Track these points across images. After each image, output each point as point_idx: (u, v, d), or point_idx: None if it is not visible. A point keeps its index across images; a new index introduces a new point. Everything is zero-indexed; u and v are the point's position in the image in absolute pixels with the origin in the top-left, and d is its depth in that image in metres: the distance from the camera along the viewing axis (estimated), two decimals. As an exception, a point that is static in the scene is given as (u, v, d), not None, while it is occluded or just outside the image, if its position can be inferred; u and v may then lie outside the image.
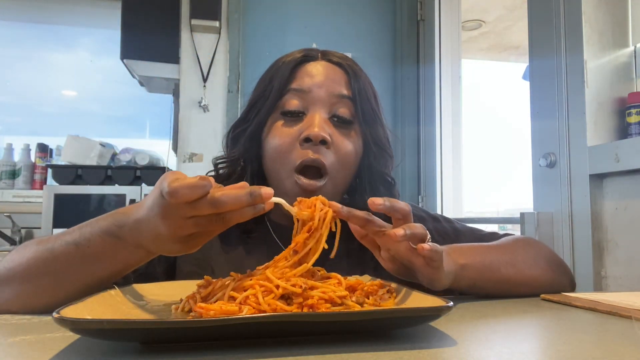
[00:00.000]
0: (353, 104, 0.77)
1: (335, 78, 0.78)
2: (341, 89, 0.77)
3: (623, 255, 1.25)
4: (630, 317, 0.55)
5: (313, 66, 0.79)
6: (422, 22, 2.38)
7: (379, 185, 0.81)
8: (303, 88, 0.76)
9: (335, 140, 0.75)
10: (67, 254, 0.56)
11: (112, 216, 0.55)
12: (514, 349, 0.44)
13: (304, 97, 0.76)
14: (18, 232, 2.24)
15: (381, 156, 0.81)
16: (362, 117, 0.78)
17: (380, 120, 0.81)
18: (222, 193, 0.47)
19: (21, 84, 2.76)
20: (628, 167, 1.20)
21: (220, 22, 2.23)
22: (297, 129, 0.75)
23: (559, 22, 1.42)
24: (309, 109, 0.76)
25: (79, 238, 0.56)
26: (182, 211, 0.47)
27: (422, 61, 2.36)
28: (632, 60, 1.38)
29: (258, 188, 0.49)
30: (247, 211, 0.49)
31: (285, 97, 0.77)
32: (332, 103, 0.76)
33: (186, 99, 2.22)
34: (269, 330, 0.42)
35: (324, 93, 0.76)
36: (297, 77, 0.78)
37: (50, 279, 0.57)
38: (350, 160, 0.77)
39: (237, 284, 0.48)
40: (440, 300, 0.45)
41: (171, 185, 0.46)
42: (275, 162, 0.76)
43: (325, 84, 0.77)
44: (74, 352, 0.41)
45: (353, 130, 0.78)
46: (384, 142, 0.81)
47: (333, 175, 0.75)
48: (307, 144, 0.73)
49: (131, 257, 0.55)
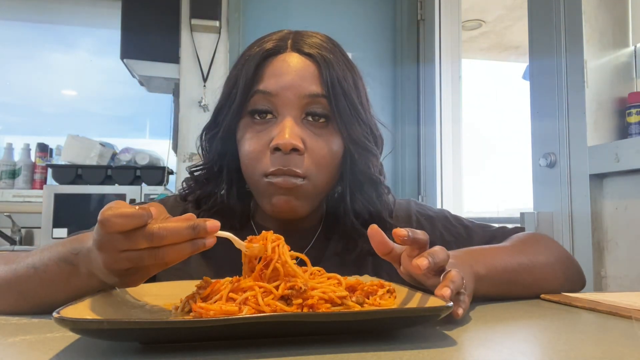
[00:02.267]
0: (327, 100, 0.69)
1: (306, 75, 0.69)
2: (312, 87, 0.69)
3: (623, 255, 1.25)
4: (630, 317, 0.55)
5: (280, 62, 0.70)
6: (422, 22, 2.38)
7: (363, 184, 0.75)
8: (270, 90, 0.69)
9: (310, 144, 0.69)
10: (27, 276, 0.56)
11: (71, 242, 0.54)
12: (514, 349, 0.44)
13: (271, 100, 0.69)
14: (18, 232, 2.24)
15: (362, 155, 0.73)
16: (339, 114, 0.70)
17: (360, 113, 0.72)
18: (159, 226, 0.44)
19: (21, 84, 2.76)
20: (628, 167, 1.20)
21: (220, 22, 2.23)
22: (267, 135, 0.69)
23: (559, 22, 1.42)
24: (279, 112, 0.69)
25: (38, 262, 0.56)
26: (117, 243, 0.44)
27: (422, 61, 2.36)
28: (632, 60, 1.38)
29: (203, 221, 0.45)
30: (184, 248, 0.45)
31: (252, 99, 0.70)
32: (303, 104, 0.69)
33: (186, 98, 2.22)
34: (269, 330, 0.42)
35: (293, 95, 0.68)
36: (263, 76, 0.70)
37: (12, 298, 0.58)
38: (328, 162, 0.71)
39: (235, 285, 0.48)
40: (440, 301, 0.45)
41: (104, 213, 0.43)
42: (247, 167, 0.72)
43: (294, 84, 0.69)
44: (74, 352, 0.41)
45: (329, 128, 0.71)
46: (365, 139, 0.73)
47: (311, 179, 0.69)
48: (277, 153, 0.67)
49: (85, 284, 0.53)
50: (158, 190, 2.10)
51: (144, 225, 0.44)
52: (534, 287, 0.70)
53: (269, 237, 0.52)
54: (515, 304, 0.65)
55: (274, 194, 0.69)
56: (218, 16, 2.22)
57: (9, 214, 2.20)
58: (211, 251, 0.75)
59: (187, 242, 0.45)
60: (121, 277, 0.49)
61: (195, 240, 0.45)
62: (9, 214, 2.21)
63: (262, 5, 2.35)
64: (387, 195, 0.80)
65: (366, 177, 0.75)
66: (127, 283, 0.50)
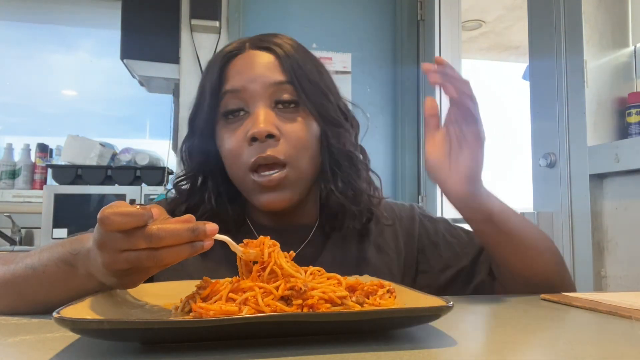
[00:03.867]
0: (292, 86, 0.73)
1: (268, 66, 0.73)
2: (275, 75, 0.73)
3: (623, 255, 1.25)
4: (630, 317, 0.55)
5: (242, 60, 0.74)
6: (422, 22, 2.38)
7: (341, 162, 0.76)
8: (236, 87, 0.72)
9: (284, 129, 0.71)
10: (25, 277, 0.57)
11: (70, 243, 0.54)
12: (514, 349, 0.44)
13: (240, 96, 0.72)
14: (18, 232, 2.24)
15: (337, 132, 0.76)
16: (306, 97, 0.73)
17: (328, 94, 0.76)
18: (159, 227, 0.44)
19: (21, 84, 2.75)
20: (628, 167, 1.20)
21: (220, 22, 2.23)
22: (243, 130, 0.72)
23: (559, 22, 1.42)
24: (250, 106, 0.72)
25: (36, 262, 0.56)
26: (116, 243, 0.44)
27: (422, 61, 2.36)
28: (632, 60, 1.38)
29: (203, 224, 0.45)
30: (183, 250, 0.45)
31: (222, 101, 0.74)
32: (270, 93, 0.72)
33: (186, 99, 2.22)
34: (269, 330, 0.42)
35: (259, 86, 0.72)
36: (228, 77, 0.74)
37: (10, 298, 0.58)
38: (306, 144, 0.73)
39: (235, 285, 0.48)
40: (440, 300, 0.45)
41: (104, 211, 0.43)
42: (231, 166, 0.74)
43: (258, 75, 0.72)
44: (74, 352, 0.41)
45: (301, 112, 0.73)
46: (337, 117, 0.76)
47: (293, 164, 0.71)
48: (255, 143, 0.70)
49: (83, 285, 0.53)
50: (158, 191, 2.10)
51: (144, 225, 0.44)
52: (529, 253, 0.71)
53: (266, 242, 0.52)
54: (516, 304, 0.65)
55: (262, 191, 0.71)
56: (218, 16, 2.22)
57: (9, 214, 2.20)
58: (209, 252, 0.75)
59: (186, 245, 0.45)
60: (119, 278, 0.49)
61: (194, 243, 0.45)
62: (9, 214, 2.21)
63: (262, 5, 2.35)
64: (367, 172, 0.82)
65: (344, 154, 0.77)
66: (125, 284, 0.50)
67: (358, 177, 0.78)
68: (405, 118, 2.38)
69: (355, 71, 2.38)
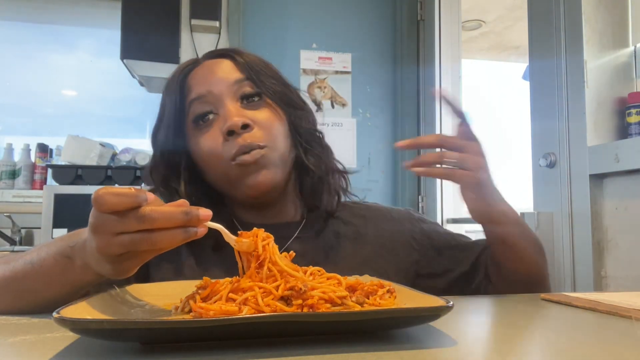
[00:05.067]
0: (252, 81, 0.77)
1: (225, 68, 0.78)
2: (235, 74, 0.77)
3: (623, 255, 1.25)
4: (630, 317, 0.55)
5: (199, 70, 0.79)
6: (422, 22, 2.38)
7: (310, 141, 0.81)
8: (201, 93, 0.75)
9: (256, 118, 0.74)
10: (24, 273, 0.57)
11: (69, 237, 0.55)
12: (514, 349, 0.44)
13: (207, 100, 0.75)
14: (18, 232, 2.24)
15: (301, 115, 0.81)
16: (267, 88, 0.78)
17: (284, 83, 0.81)
18: (152, 208, 0.44)
19: (21, 84, 2.75)
20: (628, 167, 1.20)
21: (220, 22, 2.23)
22: (217, 129, 0.74)
23: (559, 22, 1.42)
24: (217, 107, 0.75)
25: (35, 258, 0.57)
26: (110, 225, 0.45)
27: (422, 61, 2.36)
28: (632, 60, 1.38)
29: (196, 208, 0.46)
30: (177, 234, 0.45)
31: (190, 110, 0.76)
32: (234, 90, 0.76)
33: (186, 99, 2.22)
34: (269, 330, 0.42)
35: (223, 86, 0.75)
36: (190, 87, 0.77)
37: (10, 297, 0.58)
38: (279, 130, 0.76)
39: (235, 285, 0.48)
40: (440, 300, 0.45)
41: (98, 192, 0.44)
42: (210, 165, 0.75)
43: (219, 78, 0.76)
44: (74, 352, 0.41)
45: (265, 103, 0.77)
46: (298, 101, 0.82)
47: (272, 145, 0.74)
48: (231, 137, 0.72)
49: (80, 278, 0.54)
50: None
51: (137, 207, 0.44)
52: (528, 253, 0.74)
53: (260, 234, 0.52)
54: (516, 304, 0.65)
55: (246, 174, 0.72)
56: (218, 16, 2.22)
57: (9, 214, 2.20)
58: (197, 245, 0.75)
59: (180, 229, 0.45)
60: (114, 264, 0.48)
61: (187, 228, 0.45)
62: (9, 214, 2.20)
63: (262, 6, 2.35)
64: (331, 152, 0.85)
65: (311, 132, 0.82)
66: (119, 271, 0.49)
67: (327, 153, 0.83)
68: (405, 118, 2.38)
69: (355, 71, 2.38)
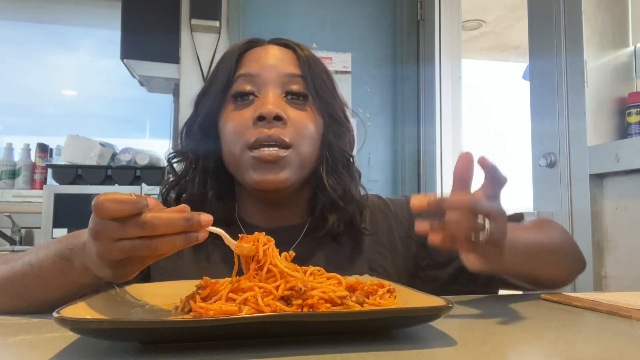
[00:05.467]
0: (304, 81, 0.75)
1: (284, 58, 0.76)
2: (291, 68, 0.75)
3: (623, 255, 1.25)
4: (630, 317, 0.55)
5: (260, 50, 0.77)
6: (422, 22, 2.38)
7: (338, 162, 0.78)
8: (251, 72, 0.74)
9: (292, 115, 0.72)
10: (23, 274, 0.57)
11: (67, 238, 0.55)
12: (514, 349, 0.44)
13: (253, 81, 0.74)
14: (18, 232, 2.24)
15: (340, 131, 0.78)
16: (316, 93, 0.76)
17: (334, 95, 0.79)
18: (153, 215, 0.44)
19: (21, 84, 2.75)
20: (628, 167, 1.20)
21: (220, 22, 2.23)
22: (251, 110, 0.72)
23: (559, 22, 1.42)
24: (260, 91, 0.74)
25: (34, 259, 0.56)
26: (111, 231, 0.44)
27: (422, 61, 2.36)
28: (632, 60, 1.38)
29: (197, 214, 0.45)
30: (178, 240, 0.45)
31: (234, 84, 0.75)
32: (283, 82, 0.74)
33: (186, 99, 2.22)
34: (269, 330, 0.42)
35: (274, 74, 0.74)
36: (244, 63, 0.76)
37: (9, 297, 0.58)
38: (312, 135, 0.74)
39: (235, 285, 0.48)
40: (440, 300, 0.45)
41: (98, 198, 0.43)
42: (229, 145, 0.73)
43: (274, 64, 0.75)
44: (74, 352, 0.41)
45: (308, 106, 0.75)
46: (341, 117, 0.79)
47: (296, 148, 0.72)
48: (261, 123, 0.70)
49: (79, 280, 0.53)
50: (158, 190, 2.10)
51: (139, 213, 0.44)
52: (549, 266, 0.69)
53: (261, 239, 0.52)
54: (516, 304, 0.65)
55: (258, 167, 0.71)
56: (218, 16, 2.22)
57: (9, 214, 2.20)
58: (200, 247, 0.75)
59: (181, 235, 0.45)
60: (114, 269, 0.48)
61: (188, 234, 0.45)
62: (9, 214, 2.20)
63: (262, 5, 2.35)
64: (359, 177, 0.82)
65: (342, 153, 0.79)
66: (119, 275, 0.49)
67: (351, 179, 0.79)
68: (405, 118, 2.38)
69: (355, 71, 2.38)
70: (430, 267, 0.80)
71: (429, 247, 0.80)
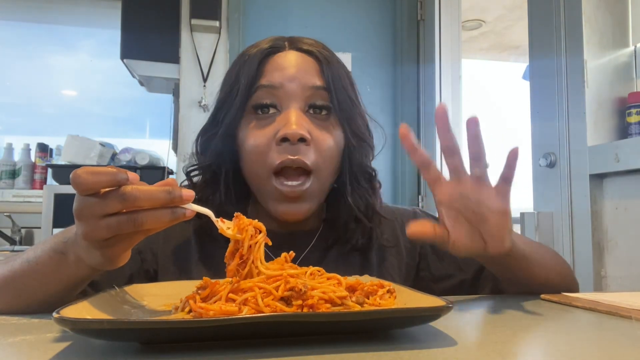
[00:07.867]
0: (328, 93, 0.72)
1: (307, 68, 0.72)
2: (314, 79, 0.72)
3: (623, 255, 1.25)
4: (630, 317, 0.55)
5: (282, 58, 0.73)
6: (422, 22, 2.38)
7: (359, 177, 0.76)
8: (273, 83, 0.70)
9: (315, 135, 0.70)
10: (22, 271, 0.57)
11: (62, 233, 0.55)
12: (514, 349, 0.44)
13: (275, 93, 0.70)
14: (18, 232, 2.24)
15: (361, 146, 0.76)
16: (339, 106, 0.72)
17: (358, 108, 0.76)
18: (133, 187, 0.43)
19: (21, 84, 2.75)
20: (628, 167, 1.20)
21: (220, 22, 2.23)
22: (273, 128, 0.69)
23: (559, 22, 1.42)
24: (283, 105, 0.70)
25: (32, 256, 0.57)
26: (92, 207, 0.44)
27: (422, 61, 2.36)
28: (632, 60, 1.38)
29: (179, 188, 0.45)
30: (164, 214, 0.44)
31: (255, 94, 0.71)
32: (306, 96, 0.71)
33: (186, 99, 2.22)
34: (269, 330, 0.42)
35: (297, 86, 0.70)
36: (265, 71, 0.72)
37: (9, 296, 0.58)
38: (333, 155, 0.72)
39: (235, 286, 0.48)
40: (440, 301, 0.45)
41: (76, 171, 0.43)
42: (252, 164, 0.71)
43: (297, 76, 0.71)
44: (74, 352, 0.41)
45: (331, 121, 0.73)
46: (364, 132, 0.77)
47: (318, 174, 0.70)
48: (284, 144, 0.68)
49: (74, 273, 0.53)
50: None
51: (117, 185, 0.44)
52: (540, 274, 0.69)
53: (249, 230, 0.52)
54: (516, 304, 0.65)
55: (281, 200, 0.70)
56: (218, 16, 2.22)
57: (9, 214, 2.20)
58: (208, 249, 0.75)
59: (167, 209, 0.45)
60: (102, 250, 0.48)
61: (174, 209, 0.45)
62: (9, 214, 2.20)
63: (262, 5, 2.35)
64: (379, 189, 0.81)
65: (363, 169, 0.77)
66: (109, 257, 0.49)
67: (373, 194, 0.78)
68: (405, 118, 2.38)
69: (355, 71, 2.38)
70: (426, 278, 0.81)
71: (429, 260, 0.81)
